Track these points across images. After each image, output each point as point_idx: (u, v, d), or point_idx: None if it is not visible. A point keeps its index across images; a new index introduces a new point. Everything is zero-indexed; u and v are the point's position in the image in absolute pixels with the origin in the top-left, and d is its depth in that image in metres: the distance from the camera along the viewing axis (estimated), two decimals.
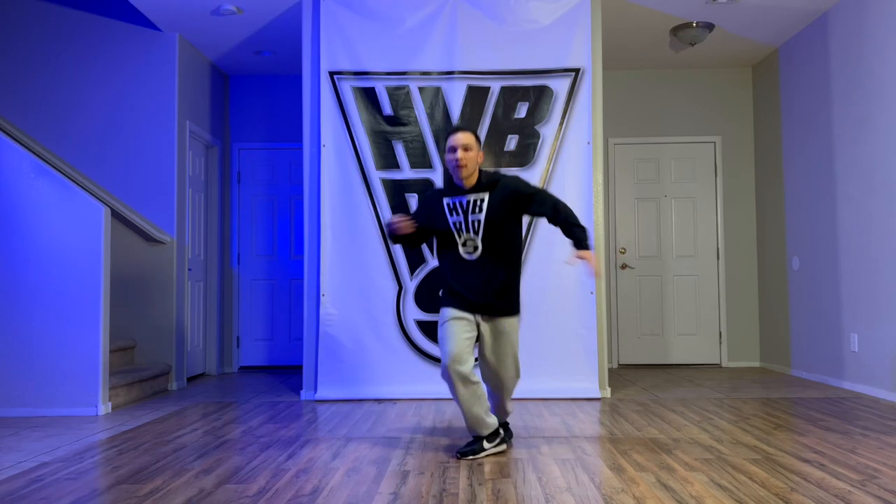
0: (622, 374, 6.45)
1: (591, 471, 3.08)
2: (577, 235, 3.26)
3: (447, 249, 3.42)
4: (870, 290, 5.18)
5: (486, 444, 3.37)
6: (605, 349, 5.22)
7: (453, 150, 3.33)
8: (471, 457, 3.32)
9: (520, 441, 3.70)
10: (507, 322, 3.38)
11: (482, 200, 3.35)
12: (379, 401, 5.06)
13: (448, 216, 3.38)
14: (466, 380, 3.24)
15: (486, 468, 3.14)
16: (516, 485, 2.87)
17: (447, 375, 3.25)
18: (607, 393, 5.19)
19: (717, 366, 7.02)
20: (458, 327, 3.29)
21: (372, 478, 3.00)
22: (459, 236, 3.36)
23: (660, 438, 3.72)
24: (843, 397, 5.02)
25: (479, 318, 3.36)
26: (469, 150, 3.32)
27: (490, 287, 3.33)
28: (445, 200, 3.41)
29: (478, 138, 3.40)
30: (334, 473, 3.08)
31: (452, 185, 3.42)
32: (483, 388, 3.34)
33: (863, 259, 5.27)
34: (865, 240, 5.23)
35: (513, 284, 3.39)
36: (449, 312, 3.35)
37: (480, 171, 3.40)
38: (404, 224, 3.33)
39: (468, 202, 3.36)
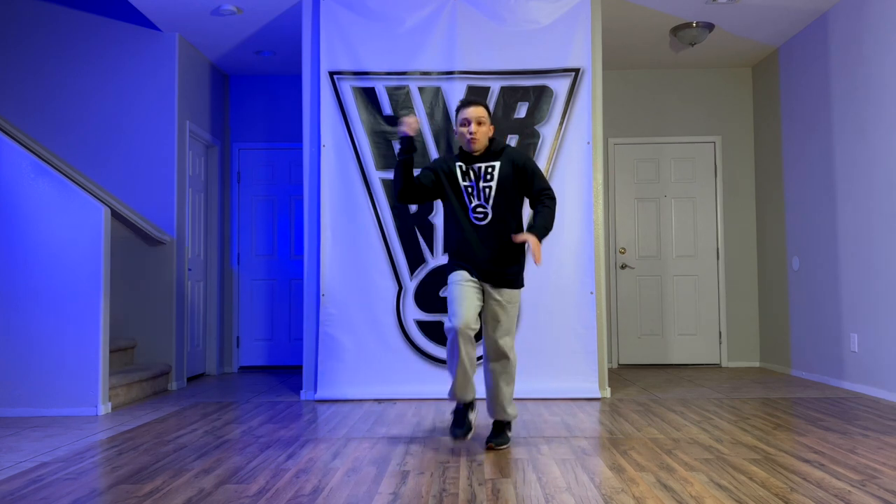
0: (622, 374, 6.45)
1: (591, 471, 3.08)
2: (538, 222, 3.36)
3: (457, 214, 3.47)
4: (870, 290, 5.18)
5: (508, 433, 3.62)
6: (605, 349, 5.22)
7: (467, 122, 3.41)
8: (503, 447, 3.50)
9: (520, 441, 3.70)
10: (511, 293, 3.44)
11: (493, 168, 3.45)
12: (379, 401, 5.06)
13: (460, 180, 3.46)
14: (471, 344, 3.35)
15: (486, 468, 3.14)
16: (516, 485, 2.87)
17: (454, 338, 3.30)
18: (607, 393, 5.19)
19: (717, 366, 7.02)
20: (469, 291, 3.37)
21: (372, 478, 3.00)
22: (470, 202, 3.44)
23: (660, 438, 3.72)
24: (843, 397, 5.02)
25: (485, 286, 3.43)
26: (482, 125, 3.42)
27: (498, 255, 3.41)
28: (458, 165, 3.49)
29: (489, 111, 3.48)
30: (334, 473, 3.08)
31: (463, 152, 3.50)
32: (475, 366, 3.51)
33: (863, 259, 5.27)
34: (865, 239, 5.23)
35: (518, 255, 3.47)
36: (459, 275, 3.42)
37: (489, 139, 3.51)
38: (412, 121, 3.42)
39: (479, 169, 3.45)
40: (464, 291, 3.36)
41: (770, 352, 6.80)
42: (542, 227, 3.35)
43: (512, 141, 5.24)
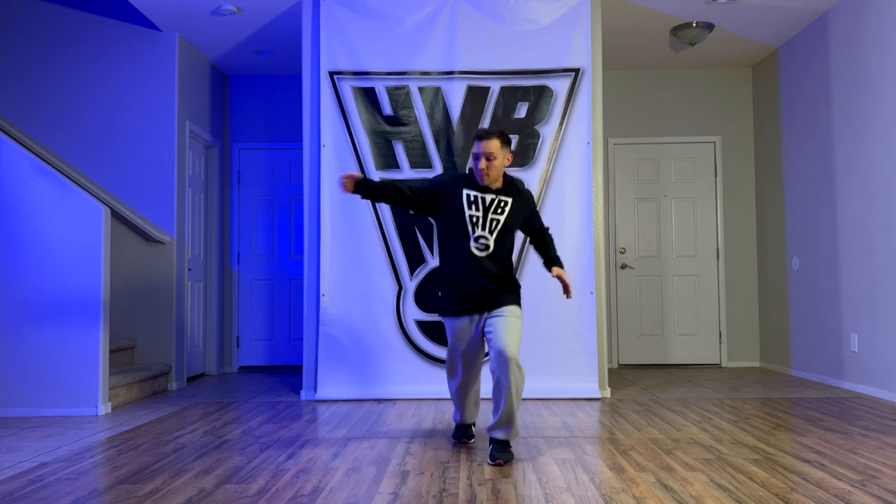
0: (622, 374, 6.45)
1: (591, 471, 3.08)
2: (554, 254, 3.56)
3: (456, 241, 3.41)
4: (870, 290, 5.18)
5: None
6: (605, 349, 5.22)
7: (477, 157, 3.36)
8: (509, 461, 3.23)
9: (520, 441, 3.70)
10: (511, 308, 3.39)
11: (505, 204, 3.42)
12: (379, 401, 5.06)
13: (466, 208, 3.39)
14: (476, 382, 3.59)
15: (486, 468, 3.14)
16: (516, 485, 2.87)
17: (457, 390, 3.56)
18: (607, 393, 5.19)
19: (717, 366, 7.02)
20: (468, 346, 3.46)
21: (372, 478, 3.00)
22: (473, 231, 3.38)
23: (660, 438, 3.72)
24: (843, 397, 5.02)
25: (483, 315, 3.40)
26: (494, 160, 3.35)
27: (494, 286, 3.39)
28: (466, 192, 3.41)
29: (505, 141, 3.38)
30: (334, 473, 3.08)
31: (476, 180, 3.44)
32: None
33: (863, 259, 5.27)
34: (865, 240, 5.23)
35: (514, 282, 3.47)
36: (456, 326, 3.43)
37: (504, 174, 3.47)
38: (347, 181, 3.39)
39: (492, 201, 3.40)
40: (462, 346, 3.45)
41: (770, 352, 6.80)
42: (559, 258, 3.57)
43: (512, 141, 5.24)
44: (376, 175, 5.24)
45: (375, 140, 5.26)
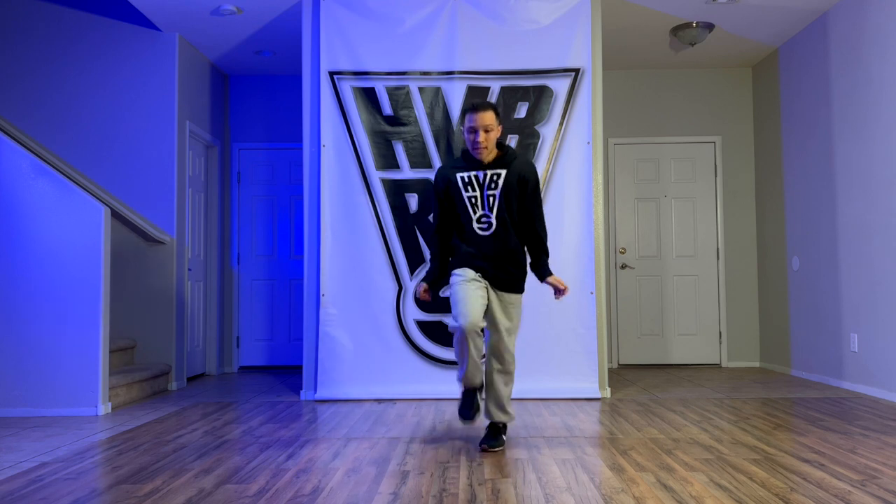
0: (622, 374, 6.45)
1: (591, 471, 3.08)
2: (543, 262, 3.47)
3: (462, 225, 3.45)
4: (870, 290, 5.18)
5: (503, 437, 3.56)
6: (605, 349, 5.22)
7: (474, 131, 3.34)
8: (497, 449, 3.44)
9: (520, 441, 3.70)
10: (512, 296, 3.45)
11: (498, 176, 3.39)
12: (379, 401, 5.06)
13: (462, 191, 3.41)
14: (478, 336, 3.32)
15: (486, 468, 3.14)
16: (516, 485, 2.87)
17: (461, 336, 3.28)
18: (607, 393, 5.19)
19: (717, 366, 7.02)
20: (474, 290, 3.33)
21: (372, 478, 3.00)
22: (475, 212, 3.40)
23: (660, 438, 3.72)
24: (843, 397, 5.02)
25: (488, 285, 3.42)
26: (490, 132, 3.35)
27: (502, 265, 3.41)
28: (459, 175, 3.43)
29: (497, 113, 3.39)
30: (334, 473, 3.08)
31: (468, 158, 3.45)
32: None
33: (863, 259, 5.27)
34: (865, 240, 5.24)
35: (521, 263, 3.47)
36: (463, 272, 3.38)
37: (498, 145, 3.45)
38: (423, 295, 3.53)
39: (484, 176, 3.40)
40: (469, 290, 3.33)
41: (770, 352, 6.80)
42: (547, 265, 3.49)
43: (512, 141, 5.24)
44: (376, 175, 5.24)
45: (375, 140, 5.26)
